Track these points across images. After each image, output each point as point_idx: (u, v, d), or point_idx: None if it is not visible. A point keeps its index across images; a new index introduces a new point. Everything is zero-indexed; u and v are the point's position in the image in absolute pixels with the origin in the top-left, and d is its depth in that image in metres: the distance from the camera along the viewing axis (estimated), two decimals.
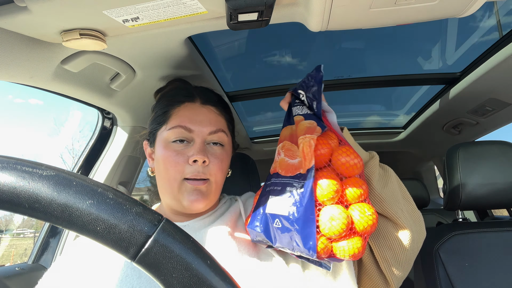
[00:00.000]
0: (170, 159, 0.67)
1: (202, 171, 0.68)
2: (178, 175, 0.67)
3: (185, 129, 0.70)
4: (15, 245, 14.81)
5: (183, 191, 0.67)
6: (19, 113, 60.34)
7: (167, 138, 0.70)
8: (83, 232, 0.25)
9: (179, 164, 0.67)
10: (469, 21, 1.16)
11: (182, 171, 0.67)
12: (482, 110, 1.39)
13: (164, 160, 0.68)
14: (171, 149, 0.69)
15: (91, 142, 1.25)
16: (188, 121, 0.70)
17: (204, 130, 0.71)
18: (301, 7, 0.65)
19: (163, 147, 0.70)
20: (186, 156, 0.68)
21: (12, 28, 0.62)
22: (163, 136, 0.71)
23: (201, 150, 0.68)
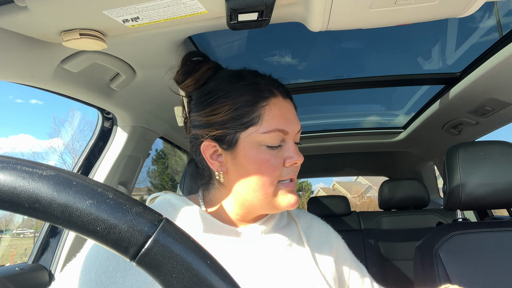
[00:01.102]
0: (269, 164, 0.62)
1: (294, 172, 0.65)
2: (275, 179, 0.62)
3: (283, 133, 0.63)
4: (15, 245, 14.80)
5: (279, 195, 0.63)
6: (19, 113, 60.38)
7: (259, 141, 0.62)
8: (83, 232, 0.25)
9: (277, 168, 0.62)
10: (469, 21, 1.16)
11: (279, 175, 0.63)
12: (482, 110, 1.39)
13: (260, 165, 0.62)
14: (268, 153, 0.62)
15: (91, 142, 1.25)
16: (284, 122, 0.63)
17: (295, 129, 0.65)
18: (301, 7, 0.65)
19: (255, 152, 0.62)
20: (281, 158, 0.63)
21: (12, 28, 0.62)
22: (254, 139, 0.62)
23: (297, 151, 0.64)
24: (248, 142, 0.63)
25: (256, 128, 0.62)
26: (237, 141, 0.63)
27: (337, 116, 2.06)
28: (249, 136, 0.62)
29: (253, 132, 0.62)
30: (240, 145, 0.63)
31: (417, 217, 2.05)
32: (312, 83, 1.44)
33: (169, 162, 5.60)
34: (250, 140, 0.62)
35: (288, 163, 0.63)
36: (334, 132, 2.11)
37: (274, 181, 0.62)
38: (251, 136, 0.62)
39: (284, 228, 0.71)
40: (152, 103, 1.20)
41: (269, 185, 0.62)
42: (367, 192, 26.55)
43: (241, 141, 0.63)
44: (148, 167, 6.45)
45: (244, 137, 0.63)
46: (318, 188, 28.43)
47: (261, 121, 0.62)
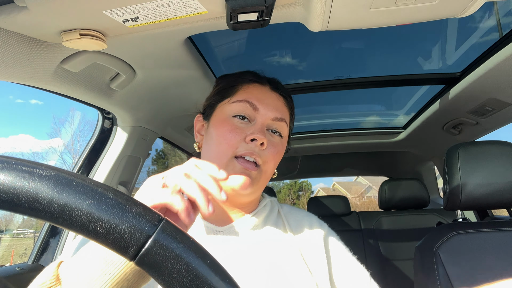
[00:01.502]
0: (226, 134, 0.62)
1: (257, 153, 0.62)
2: (229, 150, 0.61)
3: (251, 106, 0.65)
4: (15, 245, 14.80)
5: (229, 170, 0.61)
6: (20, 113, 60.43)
7: (228, 111, 0.65)
8: (83, 232, 0.25)
9: (234, 140, 0.62)
10: (469, 21, 1.16)
11: (235, 148, 0.62)
12: (482, 110, 1.39)
13: (219, 134, 0.63)
14: (230, 123, 0.63)
15: (91, 142, 1.25)
16: (256, 99, 0.66)
17: (269, 114, 0.66)
18: (301, 7, 0.65)
19: (221, 121, 0.65)
20: (244, 134, 0.63)
21: (12, 28, 0.62)
22: (224, 109, 0.66)
23: (262, 131, 0.63)
24: (220, 112, 0.68)
25: (229, 99, 0.68)
26: (213, 111, 0.69)
27: (337, 116, 2.06)
28: (223, 106, 0.68)
29: (226, 102, 0.68)
30: (213, 114, 0.69)
31: (417, 217, 2.05)
32: (312, 83, 1.44)
33: (169, 162, 5.60)
34: (222, 110, 0.67)
35: (248, 138, 0.62)
36: (334, 132, 2.11)
37: (229, 153, 0.62)
38: (224, 106, 0.68)
39: (272, 225, 0.70)
40: (152, 103, 1.20)
41: (222, 155, 0.62)
42: (367, 192, 26.55)
43: (216, 110, 0.69)
44: (148, 167, 6.41)
45: (219, 107, 0.69)
46: (318, 188, 28.44)
47: (235, 94, 0.68)
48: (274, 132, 0.67)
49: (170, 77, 1.02)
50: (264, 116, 0.66)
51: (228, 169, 0.62)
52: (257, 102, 0.66)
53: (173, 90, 1.14)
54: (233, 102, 0.66)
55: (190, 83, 1.10)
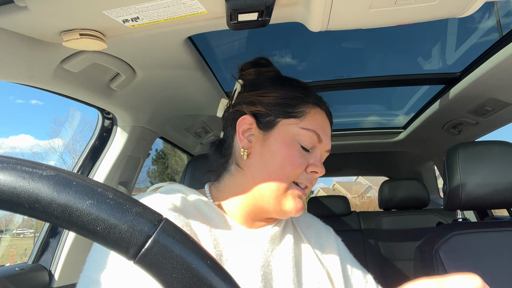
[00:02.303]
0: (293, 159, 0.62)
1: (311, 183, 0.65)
2: (292, 176, 0.62)
3: (317, 137, 0.65)
4: (15, 245, 14.80)
5: (288, 195, 0.63)
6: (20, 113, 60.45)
7: (295, 135, 0.64)
8: (83, 232, 0.25)
9: (299, 168, 0.62)
10: (469, 21, 1.16)
11: (298, 175, 0.63)
12: (482, 110, 1.39)
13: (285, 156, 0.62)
14: (297, 148, 0.63)
15: (91, 142, 1.25)
16: (321, 131, 0.65)
17: (327, 147, 0.68)
18: (301, 7, 0.65)
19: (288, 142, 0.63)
20: (307, 162, 0.64)
21: (12, 28, 0.62)
22: (290, 129, 0.64)
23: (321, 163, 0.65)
24: (284, 130, 0.64)
25: (297, 121, 0.64)
26: (275, 125, 0.65)
27: (337, 116, 2.06)
28: (288, 125, 0.64)
29: (293, 123, 0.64)
30: (276, 130, 0.65)
31: (417, 217, 2.05)
32: (312, 83, 1.44)
33: (169, 162, 5.60)
34: (288, 129, 0.64)
35: (310, 169, 0.63)
36: (334, 132, 2.11)
37: (291, 178, 0.62)
38: (290, 126, 0.64)
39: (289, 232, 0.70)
40: (152, 103, 1.20)
41: (286, 178, 0.62)
42: (367, 192, 26.55)
43: (279, 126, 0.65)
44: (148, 167, 6.44)
45: (283, 124, 0.65)
46: (318, 188, 28.42)
47: (304, 118, 0.65)
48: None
49: (170, 77, 1.02)
50: (323, 148, 0.67)
51: (287, 193, 0.63)
52: (322, 133, 0.66)
53: (173, 90, 1.14)
54: (302, 128, 0.64)
55: (190, 83, 1.10)
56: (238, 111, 0.69)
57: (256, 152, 0.65)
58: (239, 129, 0.67)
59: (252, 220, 0.67)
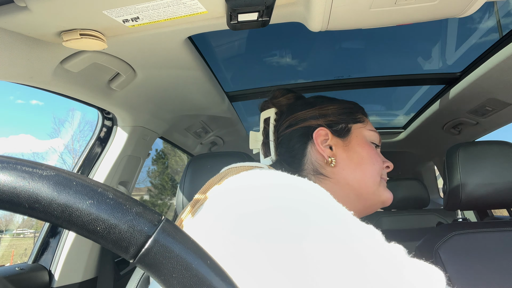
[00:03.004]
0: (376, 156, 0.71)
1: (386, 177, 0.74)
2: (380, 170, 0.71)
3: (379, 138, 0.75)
4: (15, 245, 14.79)
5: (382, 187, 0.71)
6: (20, 113, 60.47)
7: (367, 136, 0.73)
8: (83, 232, 0.25)
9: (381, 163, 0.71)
10: (469, 21, 1.16)
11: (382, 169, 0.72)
12: (482, 110, 1.39)
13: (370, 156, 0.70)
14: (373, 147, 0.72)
15: (91, 142, 1.25)
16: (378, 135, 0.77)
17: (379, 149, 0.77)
18: (301, 7, 0.65)
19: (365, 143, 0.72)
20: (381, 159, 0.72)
21: (12, 28, 0.62)
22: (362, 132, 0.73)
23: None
24: (359, 134, 0.72)
25: (363, 125, 0.73)
26: (350, 130, 0.72)
27: None
28: (359, 129, 0.73)
29: (361, 127, 0.73)
30: (353, 134, 0.72)
31: (417, 217, 2.05)
32: (312, 83, 1.44)
33: (169, 162, 5.60)
34: (360, 132, 0.72)
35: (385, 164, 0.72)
36: None
37: (380, 172, 0.70)
38: (361, 130, 0.73)
39: None
40: (152, 103, 1.20)
41: (377, 173, 0.70)
42: None
43: (353, 131, 0.72)
44: (148, 167, 6.45)
45: (355, 128, 0.73)
46: None
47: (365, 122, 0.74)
48: None
49: (170, 77, 1.02)
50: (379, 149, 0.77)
51: (381, 187, 0.71)
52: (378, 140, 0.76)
53: (173, 90, 1.14)
54: (370, 130, 0.73)
55: (190, 83, 1.10)
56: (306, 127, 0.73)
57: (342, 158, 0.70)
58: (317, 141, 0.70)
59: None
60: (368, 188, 0.69)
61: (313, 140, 0.70)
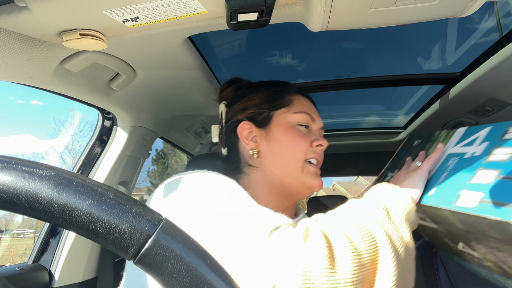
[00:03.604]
0: (297, 140, 0.70)
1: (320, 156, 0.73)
2: (302, 155, 0.70)
3: (310, 117, 0.74)
4: (15, 245, 14.81)
5: (306, 173, 0.70)
6: (20, 113, 60.59)
7: (291, 120, 0.72)
8: (83, 232, 0.25)
9: (305, 145, 0.70)
10: (469, 21, 1.16)
11: (306, 152, 0.70)
12: (482, 110, 1.39)
13: (290, 140, 0.70)
14: (297, 130, 0.71)
15: (91, 142, 1.25)
16: (311, 111, 0.75)
17: (320, 124, 0.76)
18: (301, 7, 0.65)
19: (287, 128, 0.72)
20: (309, 139, 0.71)
21: (12, 28, 0.62)
22: (285, 117, 0.73)
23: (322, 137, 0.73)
24: (281, 120, 0.72)
25: (288, 109, 0.73)
26: (271, 118, 0.73)
27: (337, 116, 2.06)
28: (282, 115, 0.73)
29: (285, 111, 0.73)
30: (274, 122, 0.73)
31: None
32: (312, 83, 1.44)
33: (169, 162, 5.60)
34: (283, 118, 0.72)
35: (314, 144, 0.71)
36: (334, 132, 2.11)
37: (302, 157, 0.70)
38: (284, 115, 0.73)
39: None
40: (152, 103, 1.20)
41: (298, 159, 0.69)
42: None
43: (275, 118, 0.73)
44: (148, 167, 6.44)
45: (278, 115, 0.73)
46: None
47: (292, 104, 0.74)
48: None
49: (170, 77, 1.02)
50: (317, 125, 0.76)
51: (304, 171, 0.70)
52: (313, 113, 0.75)
53: (173, 90, 1.14)
54: (295, 113, 0.73)
55: (190, 83, 1.10)
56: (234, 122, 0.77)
57: (264, 148, 0.72)
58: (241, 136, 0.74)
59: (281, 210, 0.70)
60: (289, 175, 0.70)
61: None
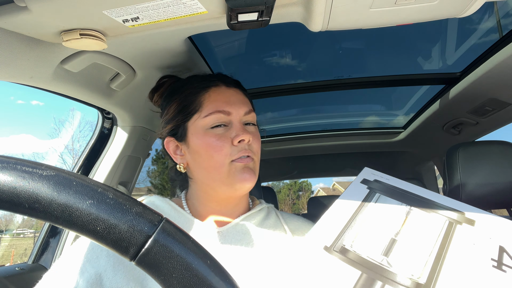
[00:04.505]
0: (213, 144, 0.66)
1: (248, 149, 0.68)
2: (225, 159, 0.66)
3: (223, 113, 0.68)
4: (15, 245, 14.80)
5: (233, 173, 0.66)
6: (21, 114, 60.63)
7: (204, 125, 0.68)
8: (83, 232, 0.25)
9: (225, 147, 0.66)
10: (469, 21, 1.16)
11: (229, 154, 0.66)
12: (482, 110, 1.39)
13: (206, 147, 0.67)
14: (211, 134, 0.67)
15: (91, 142, 1.25)
16: (224, 104, 0.69)
17: (240, 111, 0.70)
18: (301, 7, 0.65)
19: (201, 135, 0.68)
20: (229, 138, 0.67)
21: (12, 28, 0.62)
22: (198, 124, 0.69)
23: (243, 129, 0.68)
24: (195, 128, 0.69)
25: (199, 114, 0.69)
26: (187, 130, 0.71)
27: (337, 116, 2.06)
28: (195, 122, 0.70)
29: (197, 118, 0.69)
30: (190, 133, 0.70)
31: None
32: (312, 83, 1.44)
33: (168, 162, 5.58)
34: (196, 126, 0.69)
35: (235, 141, 0.66)
36: (334, 132, 2.11)
37: (226, 160, 0.66)
38: (196, 122, 0.69)
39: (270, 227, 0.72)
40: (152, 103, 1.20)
41: (220, 165, 0.66)
42: None
43: (190, 129, 0.70)
44: (148, 167, 6.43)
45: (191, 124, 0.70)
46: (318, 188, 28.39)
47: (202, 107, 0.69)
48: (249, 124, 0.72)
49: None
50: (237, 115, 0.70)
51: (231, 172, 0.66)
52: (227, 106, 0.69)
53: None
54: (205, 116, 0.68)
55: None
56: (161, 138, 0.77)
57: (190, 161, 0.71)
58: (170, 152, 0.75)
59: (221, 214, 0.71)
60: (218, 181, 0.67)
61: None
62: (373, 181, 0.70)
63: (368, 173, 0.72)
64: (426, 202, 0.66)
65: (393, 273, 0.50)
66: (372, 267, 0.50)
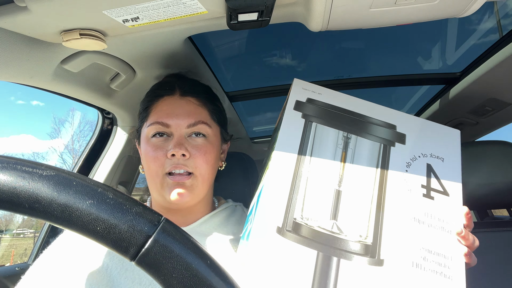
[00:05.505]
0: (150, 154, 0.67)
1: (183, 163, 0.66)
2: (159, 170, 0.66)
3: (162, 125, 0.69)
4: (15, 245, 14.80)
5: (165, 187, 0.66)
6: (21, 114, 60.69)
7: (147, 134, 0.70)
8: (83, 232, 0.25)
9: (159, 159, 0.66)
10: (469, 21, 1.16)
11: (163, 166, 0.66)
12: (482, 110, 1.39)
13: (146, 156, 0.68)
14: (151, 143, 0.69)
15: (91, 142, 1.25)
16: (165, 116, 0.69)
17: (182, 123, 0.69)
18: (301, 7, 0.65)
19: (145, 143, 0.71)
20: (165, 150, 0.67)
21: (12, 28, 0.62)
22: (144, 132, 0.72)
23: (178, 143, 0.66)
24: (142, 136, 0.73)
25: (145, 123, 0.72)
26: (140, 135, 0.74)
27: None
28: (142, 130, 0.73)
29: (144, 126, 0.72)
30: (141, 138, 0.74)
31: None
32: (312, 83, 1.44)
33: None
34: (143, 134, 0.72)
35: (168, 154, 0.66)
36: None
37: (160, 172, 0.66)
38: (143, 130, 0.73)
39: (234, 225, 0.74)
40: None
41: (155, 175, 0.67)
42: None
43: (141, 134, 0.74)
44: None
45: (142, 131, 0.73)
46: None
47: (149, 116, 0.71)
48: (197, 135, 0.70)
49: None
50: (178, 127, 0.69)
51: (164, 185, 0.67)
52: (167, 118, 0.69)
53: None
54: (148, 126, 0.70)
55: None
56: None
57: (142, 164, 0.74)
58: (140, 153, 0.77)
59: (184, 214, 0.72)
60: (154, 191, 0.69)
61: None
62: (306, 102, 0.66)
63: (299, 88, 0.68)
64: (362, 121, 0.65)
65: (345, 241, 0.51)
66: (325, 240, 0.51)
